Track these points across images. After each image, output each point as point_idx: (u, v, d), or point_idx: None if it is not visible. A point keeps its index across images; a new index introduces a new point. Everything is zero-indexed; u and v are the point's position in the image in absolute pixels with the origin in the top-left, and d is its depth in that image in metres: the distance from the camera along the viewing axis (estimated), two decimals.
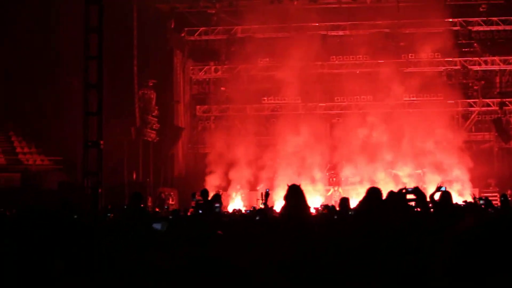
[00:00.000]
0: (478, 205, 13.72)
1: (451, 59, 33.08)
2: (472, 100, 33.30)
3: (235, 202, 31.12)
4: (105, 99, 19.13)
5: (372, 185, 7.83)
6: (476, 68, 33.38)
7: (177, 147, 33.84)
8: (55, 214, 6.03)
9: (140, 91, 30.65)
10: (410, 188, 7.87)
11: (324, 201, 28.71)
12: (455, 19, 32.66)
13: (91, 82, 18.93)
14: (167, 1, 32.72)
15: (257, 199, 28.11)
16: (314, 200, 27.59)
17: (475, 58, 33.19)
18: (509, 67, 33.38)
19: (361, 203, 6.46)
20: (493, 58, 33.27)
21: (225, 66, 34.28)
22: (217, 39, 34.44)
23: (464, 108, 33.32)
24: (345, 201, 10.48)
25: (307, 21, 31.78)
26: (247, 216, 16.30)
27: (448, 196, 8.60)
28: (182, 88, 34.29)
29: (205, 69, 34.99)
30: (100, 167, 18.77)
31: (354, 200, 10.00)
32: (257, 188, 30.68)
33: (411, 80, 31.62)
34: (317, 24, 32.55)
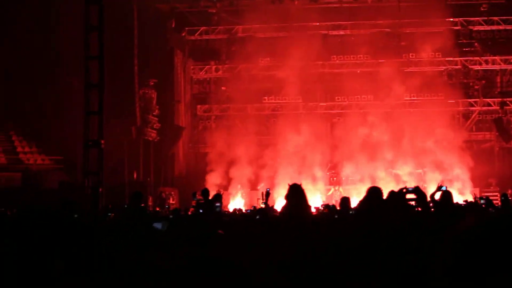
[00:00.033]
0: (479, 205, 13.69)
1: (452, 59, 33.05)
2: (472, 99, 33.28)
3: (236, 201, 31.11)
4: (105, 98, 19.08)
5: (373, 184, 7.83)
6: (477, 67, 33.35)
7: (178, 146, 33.82)
8: (55, 214, 6.02)
9: (141, 91, 30.65)
10: (411, 188, 7.86)
11: (325, 200, 28.74)
12: (456, 19, 32.65)
13: (92, 82, 18.91)
14: (167, 0, 32.72)
15: (257, 198, 28.06)
16: (315, 200, 27.62)
17: (476, 58, 33.17)
18: (510, 67, 33.35)
19: (362, 202, 6.45)
20: (494, 57, 33.23)
21: (225, 66, 34.26)
22: (217, 38, 34.44)
23: (465, 108, 33.32)
24: (345, 201, 10.49)
25: (308, 21, 31.76)
26: (247, 215, 16.31)
27: (448, 195, 8.58)
28: (183, 88, 34.28)
29: (205, 68, 34.98)
30: (100, 166, 18.74)
31: (355, 200, 10.01)
32: (258, 187, 30.67)
33: (412, 80, 31.59)
34: (318, 23, 32.53)
